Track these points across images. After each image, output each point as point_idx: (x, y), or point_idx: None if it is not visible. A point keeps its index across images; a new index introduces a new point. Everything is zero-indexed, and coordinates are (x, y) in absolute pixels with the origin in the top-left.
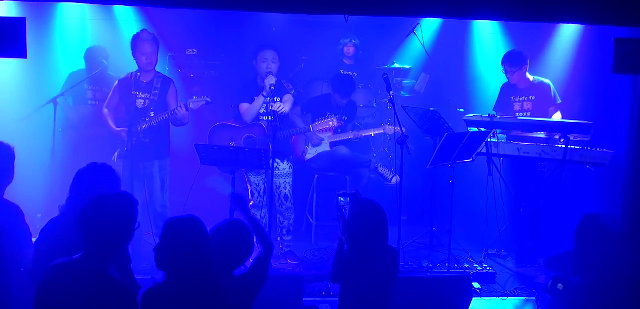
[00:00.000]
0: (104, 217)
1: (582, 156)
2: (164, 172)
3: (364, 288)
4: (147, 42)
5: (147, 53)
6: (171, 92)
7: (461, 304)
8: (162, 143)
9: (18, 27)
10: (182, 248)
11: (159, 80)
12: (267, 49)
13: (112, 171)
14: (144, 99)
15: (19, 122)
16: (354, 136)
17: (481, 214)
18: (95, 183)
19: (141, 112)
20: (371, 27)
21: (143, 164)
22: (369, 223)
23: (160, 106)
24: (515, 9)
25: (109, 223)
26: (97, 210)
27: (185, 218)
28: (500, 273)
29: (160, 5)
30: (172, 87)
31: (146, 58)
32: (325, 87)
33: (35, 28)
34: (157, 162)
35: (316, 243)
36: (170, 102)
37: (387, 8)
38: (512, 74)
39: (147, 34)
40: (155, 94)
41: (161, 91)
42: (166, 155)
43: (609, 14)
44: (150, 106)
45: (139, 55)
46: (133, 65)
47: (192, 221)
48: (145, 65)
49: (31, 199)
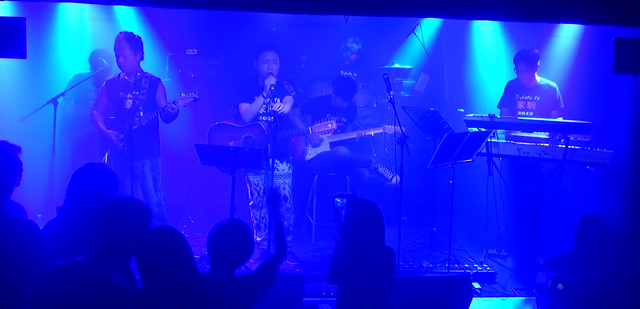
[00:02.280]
0: (118, 222)
1: (582, 156)
2: (155, 171)
3: (361, 288)
4: (125, 43)
5: (124, 54)
6: (160, 91)
7: (461, 304)
8: (152, 142)
9: (18, 27)
10: (160, 262)
11: (147, 80)
12: (268, 50)
13: (109, 171)
14: (132, 99)
15: (19, 122)
16: (357, 135)
17: (481, 214)
18: (93, 184)
19: (130, 113)
20: (371, 27)
21: (134, 163)
22: (364, 223)
23: (148, 105)
24: (515, 9)
25: (122, 228)
26: (114, 213)
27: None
28: (500, 273)
29: (160, 5)
30: (160, 86)
31: (123, 59)
32: (325, 87)
33: (35, 28)
34: (147, 161)
35: (316, 243)
36: (159, 101)
37: (387, 8)
38: (524, 73)
39: (124, 34)
40: (144, 94)
41: (149, 90)
42: (156, 154)
43: (609, 14)
44: (139, 106)
45: (118, 56)
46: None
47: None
48: (123, 66)
49: (31, 199)
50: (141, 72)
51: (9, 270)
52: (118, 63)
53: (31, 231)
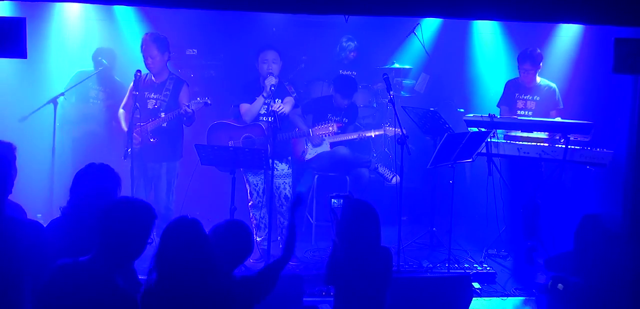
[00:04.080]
0: (121, 223)
1: (582, 156)
2: (171, 175)
3: (358, 289)
4: (152, 45)
5: (152, 55)
6: (183, 93)
7: (461, 304)
8: (172, 145)
9: (18, 27)
10: (181, 251)
11: (172, 81)
12: (268, 50)
13: (111, 171)
14: (155, 100)
15: (19, 122)
16: (358, 136)
17: (481, 214)
18: (95, 184)
19: (151, 113)
20: (371, 27)
21: (151, 165)
22: (361, 224)
23: (171, 107)
24: (515, 9)
25: (127, 229)
26: (118, 214)
27: (182, 220)
28: (500, 273)
29: (160, 5)
30: (185, 88)
31: (151, 60)
32: (326, 87)
33: (35, 28)
34: (165, 163)
35: (316, 243)
36: (182, 103)
37: (387, 8)
38: (528, 72)
39: (151, 36)
40: (167, 95)
41: (173, 91)
42: (176, 157)
43: (609, 14)
44: (160, 107)
45: (145, 58)
46: (134, 66)
47: (190, 222)
48: (151, 67)
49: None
50: (169, 73)
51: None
52: (146, 65)
53: (35, 231)
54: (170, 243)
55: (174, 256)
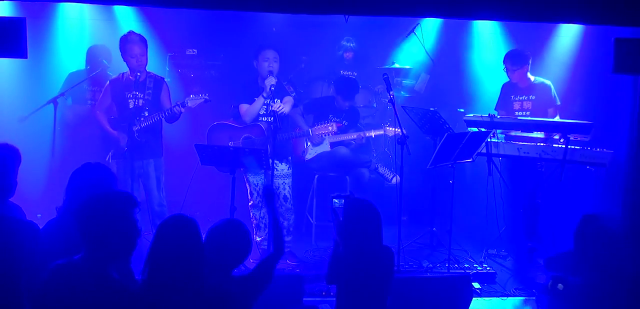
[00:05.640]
0: (98, 216)
1: (582, 156)
2: (159, 171)
3: (359, 288)
4: (136, 44)
5: (136, 55)
6: (164, 92)
7: (461, 304)
8: (156, 142)
9: (18, 27)
10: (173, 248)
11: (151, 80)
12: (268, 49)
13: (107, 169)
14: (138, 99)
15: (19, 122)
16: (358, 137)
17: (481, 214)
18: (91, 183)
19: (134, 112)
20: (371, 27)
21: (138, 163)
22: (362, 223)
23: (154, 105)
24: (515, 9)
25: (104, 222)
26: (91, 209)
27: (178, 217)
28: (500, 273)
29: (160, 5)
30: (165, 87)
31: (136, 60)
32: (326, 87)
33: (35, 28)
34: (152, 160)
35: (316, 243)
36: (164, 102)
37: (387, 8)
38: (512, 73)
39: (134, 35)
40: (149, 94)
41: (154, 90)
42: (160, 153)
43: (609, 14)
44: (144, 106)
45: (128, 57)
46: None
47: (186, 220)
48: (136, 67)
49: (31, 199)
50: (147, 73)
51: (9, 270)
52: (128, 63)
53: (31, 232)
54: (163, 239)
55: (166, 252)
